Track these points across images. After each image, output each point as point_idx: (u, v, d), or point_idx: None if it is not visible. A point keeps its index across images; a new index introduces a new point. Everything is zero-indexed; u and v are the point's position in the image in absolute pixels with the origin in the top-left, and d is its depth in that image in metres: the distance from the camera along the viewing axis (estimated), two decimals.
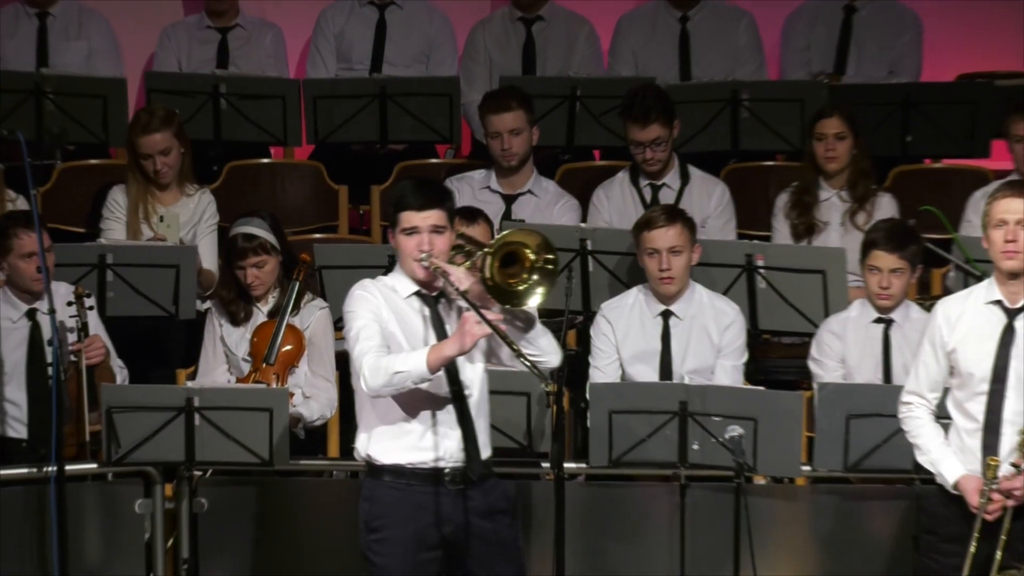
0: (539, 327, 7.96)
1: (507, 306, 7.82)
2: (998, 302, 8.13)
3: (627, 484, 9.58)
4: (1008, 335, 8.09)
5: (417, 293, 8.06)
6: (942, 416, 8.32)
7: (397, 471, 8.09)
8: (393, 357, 7.85)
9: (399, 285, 8.08)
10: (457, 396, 8.05)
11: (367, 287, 8.07)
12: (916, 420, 8.29)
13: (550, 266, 7.83)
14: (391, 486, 8.12)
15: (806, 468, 9.45)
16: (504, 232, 8.04)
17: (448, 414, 8.07)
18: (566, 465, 9.09)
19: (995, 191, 8.13)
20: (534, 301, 7.82)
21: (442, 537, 8.14)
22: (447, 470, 8.09)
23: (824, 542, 9.54)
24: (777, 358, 10.46)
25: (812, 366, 10.00)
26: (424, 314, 8.08)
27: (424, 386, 7.90)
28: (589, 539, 9.51)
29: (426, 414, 8.07)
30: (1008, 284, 8.08)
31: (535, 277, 7.83)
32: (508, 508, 8.34)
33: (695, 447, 9.14)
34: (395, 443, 8.10)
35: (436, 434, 8.10)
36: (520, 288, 7.82)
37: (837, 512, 9.52)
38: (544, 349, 7.95)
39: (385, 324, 8.00)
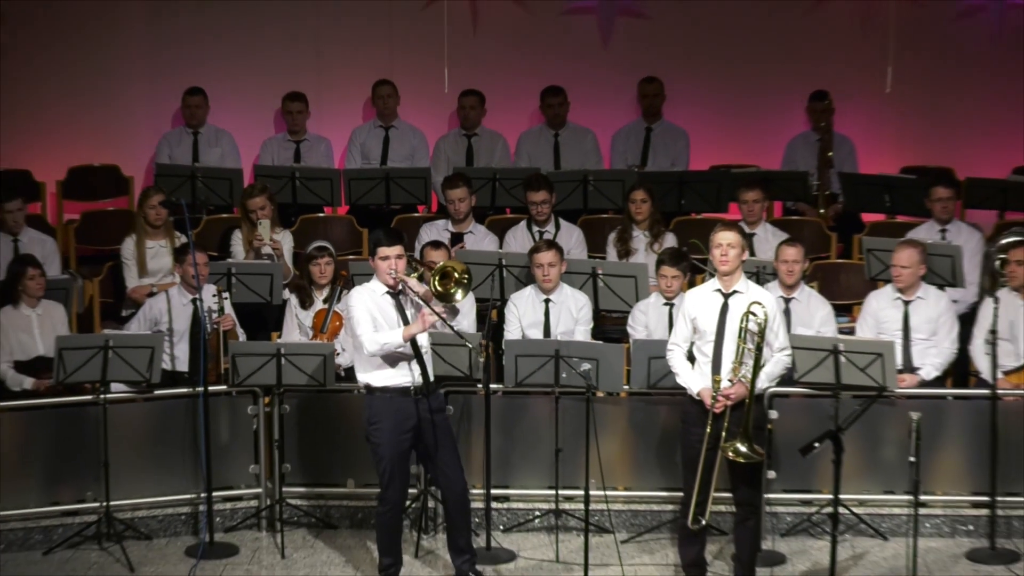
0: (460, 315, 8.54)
1: (444, 302, 8.22)
2: (718, 290, 8.28)
3: (526, 396, 9.53)
4: (724, 308, 8.23)
5: (387, 292, 8.28)
6: (690, 355, 8.42)
7: (384, 389, 8.29)
8: (381, 334, 8.20)
9: (376, 288, 8.33)
10: (415, 348, 8.25)
11: (360, 292, 8.38)
12: (676, 358, 8.41)
13: (466, 280, 8.26)
14: (380, 398, 8.30)
15: (626, 387, 9.45)
16: (442, 262, 8.51)
17: (411, 357, 8.26)
18: (491, 385, 9.19)
19: (716, 227, 8.32)
20: (460, 298, 8.25)
21: (411, 425, 8.30)
22: (412, 387, 8.28)
23: (636, 428, 9.55)
24: (610, 325, 10.42)
25: (629, 330, 9.97)
26: (392, 304, 8.30)
27: (398, 346, 8.19)
28: (506, 429, 9.50)
29: (400, 356, 8.24)
30: (723, 280, 8.28)
31: (459, 286, 8.24)
32: (444, 408, 8.56)
33: (564, 375, 9.13)
34: (383, 374, 8.29)
35: (405, 366, 8.29)
36: (452, 291, 8.23)
37: (644, 412, 9.54)
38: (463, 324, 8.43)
39: (371, 311, 8.23)
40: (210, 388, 9.33)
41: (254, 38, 12.79)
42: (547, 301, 9.95)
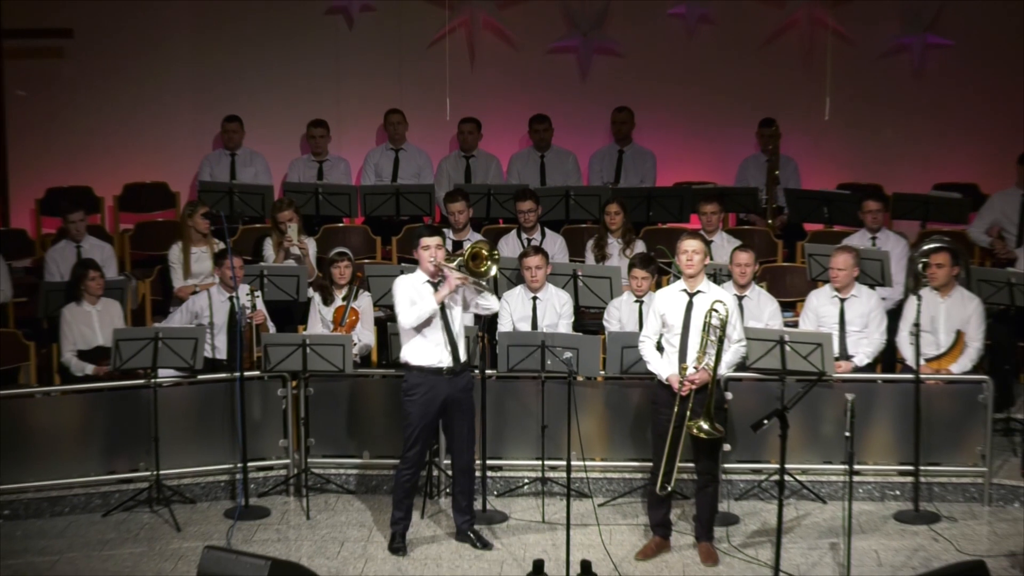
0: (487, 292, 8.43)
1: (479, 278, 8.27)
2: (684, 290, 8.27)
3: (516, 380, 9.47)
4: (689, 306, 8.23)
5: (427, 281, 8.30)
6: (659, 345, 8.41)
7: (420, 368, 8.32)
8: (416, 306, 8.23)
9: (418, 277, 8.36)
10: (448, 330, 8.29)
11: (403, 279, 8.43)
12: (647, 348, 8.41)
13: (496, 256, 8.25)
14: (416, 374, 8.35)
15: (602, 372, 9.43)
16: (470, 245, 8.42)
17: (445, 340, 8.29)
18: (487, 371, 9.18)
19: (682, 236, 8.34)
20: (493, 272, 8.29)
21: (440, 400, 8.35)
22: (444, 367, 8.28)
23: (611, 408, 9.53)
24: (588, 319, 10.38)
25: (605, 323, 9.93)
26: (430, 291, 8.29)
27: (434, 326, 8.24)
28: (499, 408, 9.43)
29: (436, 340, 8.27)
30: (688, 281, 8.27)
31: (489, 263, 8.26)
32: (471, 387, 8.53)
33: (549, 362, 9.10)
34: (420, 354, 8.31)
35: (440, 349, 8.30)
36: (482, 269, 8.27)
37: (618, 394, 9.50)
38: (490, 300, 8.41)
39: (411, 296, 8.25)
40: (245, 373, 9.33)
41: (282, 73, 12.80)
42: (534, 299, 9.92)
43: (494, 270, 8.33)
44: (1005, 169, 11.40)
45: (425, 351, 8.36)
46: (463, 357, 8.43)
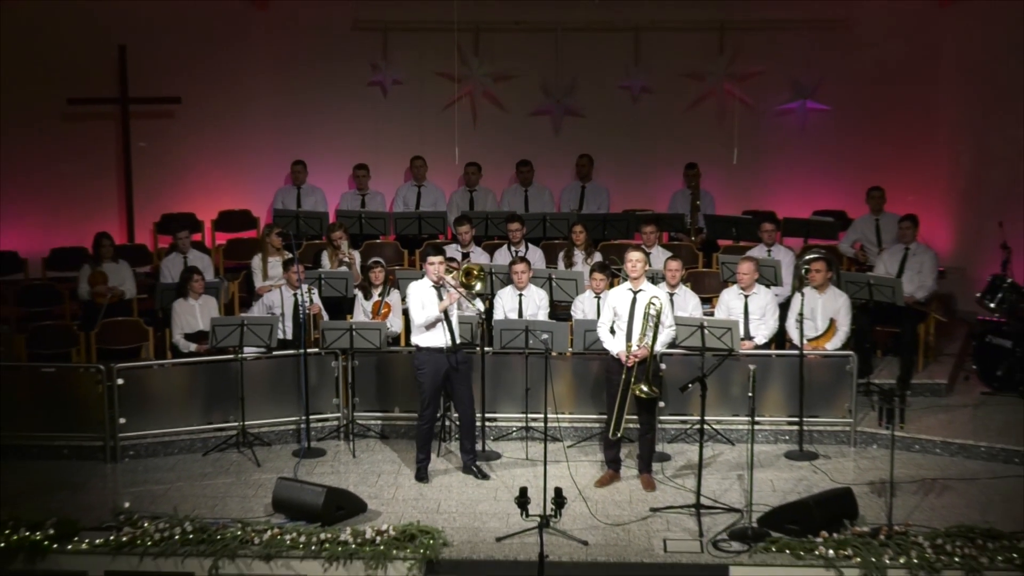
0: (477, 299, 8.24)
1: (467, 289, 8.15)
2: (630, 289, 8.23)
3: (507, 355, 9.35)
4: (634, 300, 8.21)
5: (432, 285, 8.14)
6: (612, 329, 8.32)
7: (427, 348, 8.21)
8: (426, 310, 8.03)
9: (425, 283, 8.23)
10: (447, 320, 8.20)
11: (415, 285, 8.28)
12: (603, 333, 8.38)
13: (483, 275, 8.25)
14: (424, 352, 8.25)
15: (570, 349, 9.33)
16: (467, 265, 8.40)
17: (444, 328, 8.18)
18: (485, 348, 9.10)
19: (628, 249, 8.31)
20: (479, 287, 8.23)
21: (444, 372, 8.25)
22: (444, 347, 8.14)
23: (577, 375, 9.44)
24: (560, 310, 10.29)
25: (572, 313, 9.82)
26: (435, 294, 8.17)
27: (438, 318, 8.06)
28: (494, 375, 9.33)
29: (438, 328, 8.17)
30: (633, 282, 8.23)
31: (478, 280, 8.19)
32: (466, 360, 8.41)
33: (531, 342, 9.04)
34: (427, 338, 8.22)
35: (441, 334, 8.18)
36: (472, 283, 8.13)
37: (585, 367, 9.41)
38: (477, 304, 8.25)
39: (421, 298, 8.08)
40: (308, 350, 9.26)
41: (336, 129, 12.73)
42: (520, 295, 9.84)
43: (479, 286, 8.31)
44: (864, 200, 11.41)
45: (430, 336, 8.29)
46: (458, 339, 8.36)
